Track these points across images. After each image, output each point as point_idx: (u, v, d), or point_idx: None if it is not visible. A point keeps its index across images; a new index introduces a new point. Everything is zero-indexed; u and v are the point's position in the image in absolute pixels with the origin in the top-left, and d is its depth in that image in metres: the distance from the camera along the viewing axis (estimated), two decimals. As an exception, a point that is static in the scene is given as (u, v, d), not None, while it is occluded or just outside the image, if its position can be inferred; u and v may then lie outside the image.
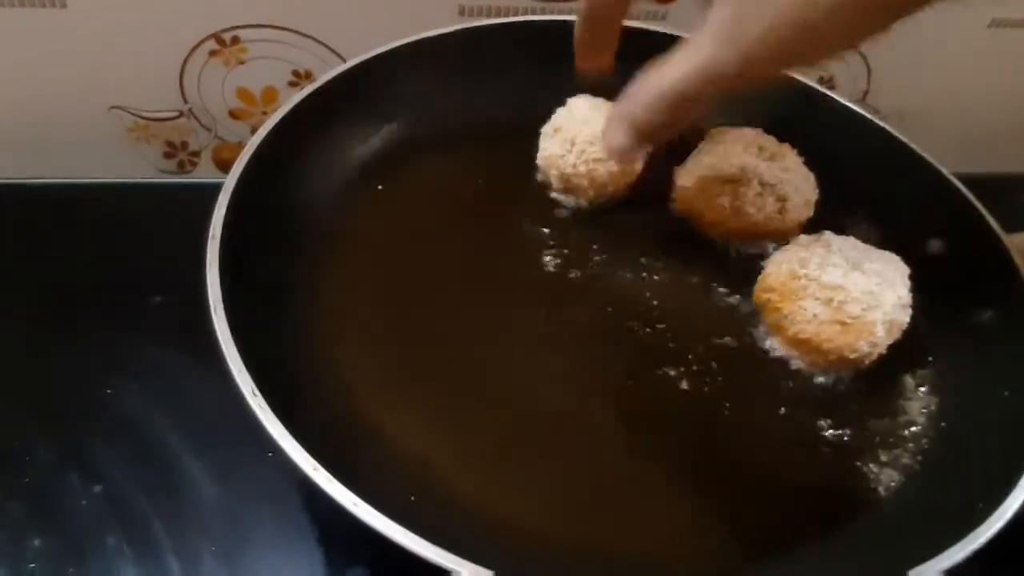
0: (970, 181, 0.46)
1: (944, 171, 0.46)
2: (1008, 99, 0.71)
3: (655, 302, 0.43)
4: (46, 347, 0.47)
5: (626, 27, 0.52)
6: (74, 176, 0.59)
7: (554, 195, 0.47)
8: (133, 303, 0.49)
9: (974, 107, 0.72)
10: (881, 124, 0.49)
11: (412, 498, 0.33)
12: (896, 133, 0.48)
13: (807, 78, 0.52)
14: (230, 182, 0.39)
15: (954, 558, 0.30)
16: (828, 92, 0.50)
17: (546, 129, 0.47)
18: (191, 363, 0.46)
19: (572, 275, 0.44)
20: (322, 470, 0.28)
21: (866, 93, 0.69)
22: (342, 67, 0.48)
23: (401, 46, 0.50)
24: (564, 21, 0.53)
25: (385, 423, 0.36)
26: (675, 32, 0.52)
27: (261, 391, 0.30)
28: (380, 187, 0.47)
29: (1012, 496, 0.31)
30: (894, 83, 0.68)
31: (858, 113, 0.49)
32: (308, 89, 0.45)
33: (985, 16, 0.65)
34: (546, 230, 0.46)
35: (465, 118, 0.50)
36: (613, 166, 0.45)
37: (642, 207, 0.47)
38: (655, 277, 0.44)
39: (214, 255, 0.36)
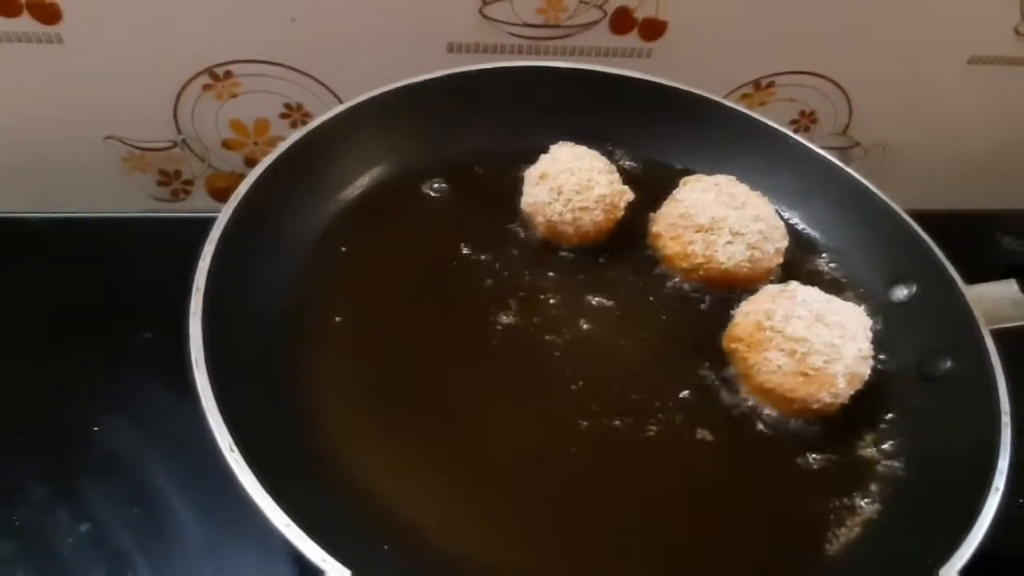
0: (949, 216, 0.47)
1: (911, 221, 0.47)
2: (986, 134, 0.73)
3: (626, 347, 0.44)
4: (34, 383, 0.48)
5: (611, 73, 0.54)
6: (67, 209, 0.60)
7: (534, 240, 0.48)
8: (123, 339, 0.50)
9: (954, 142, 0.73)
10: (850, 172, 0.50)
11: (385, 547, 0.34)
12: (865, 181, 0.49)
13: (782, 114, 0.53)
14: (216, 232, 0.40)
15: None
16: (799, 138, 0.52)
17: (530, 175, 0.48)
18: (179, 400, 0.47)
19: (551, 323, 0.44)
20: (294, 526, 0.30)
21: (847, 126, 0.70)
22: (332, 111, 0.49)
23: (391, 90, 0.51)
24: (549, 67, 0.54)
25: (362, 479, 0.37)
26: (659, 80, 0.54)
27: (238, 446, 0.32)
28: (366, 232, 0.48)
29: (962, 548, 0.32)
30: (874, 117, 0.70)
31: (828, 160, 0.51)
32: (294, 137, 0.46)
33: (964, 53, 0.66)
34: (526, 276, 0.47)
35: (452, 159, 0.52)
36: (598, 215, 0.46)
37: (618, 252, 0.48)
38: (629, 321, 0.45)
39: (197, 307, 0.37)
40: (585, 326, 0.45)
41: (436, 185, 0.51)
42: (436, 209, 0.50)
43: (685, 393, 0.42)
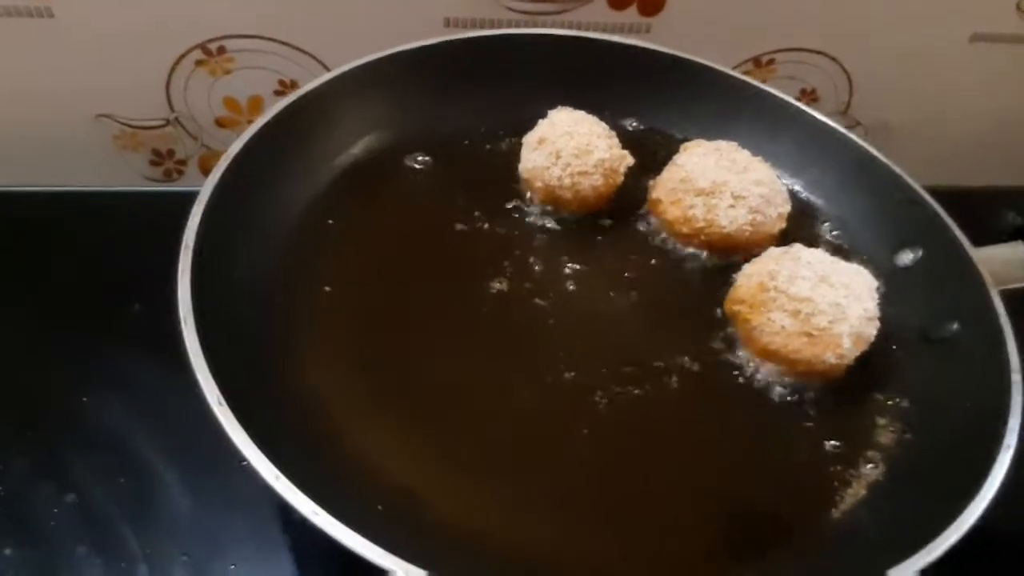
0: (952, 194, 0.46)
1: (914, 184, 0.46)
2: (989, 112, 0.72)
3: (626, 314, 0.43)
4: (22, 355, 0.47)
5: (611, 42, 0.53)
6: (57, 184, 0.59)
7: (532, 207, 0.48)
8: (112, 311, 0.50)
9: (956, 120, 0.72)
10: (853, 137, 0.49)
11: (379, 507, 0.33)
12: (867, 146, 0.48)
13: (782, 91, 0.53)
14: (205, 192, 0.40)
15: (918, 564, 0.30)
16: (802, 106, 0.51)
17: (528, 140, 0.47)
18: (168, 373, 0.45)
19: (548, 291, 0.43)
20: (283, 479, 0.29)
21: (848, 105, 0.70)
22: (323, 77, 0.48)
23: (383, 57, 0.50)
24: (546, 35, 0.54)
25: (353, 440, 0.36)
26: (658, 48, 0.53)
27: (227, 401, 0.31)
28: (361, 196, 0.47)
29: (971, 507, 0.32)
30: (876, 95, 0.69)
31: (830, 126, 0.50)
32: (286, 101, 0.45)
33: (966, 31, 0.66)
34: (523, 244, 0.46)
35: (445, 128, 0.51)
36: (597, 180, 0.45)
37: (618, 218, 0.48)
38: (629, 289, 0.44)
39: (186, 265, 0.36)
40: (583, 293, 0.44)
41: (421, 158, 0.49)
42: (431, 177, 0.49)
43: (687, 359, 0.41)
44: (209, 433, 0.32)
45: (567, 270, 0.45)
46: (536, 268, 0.45)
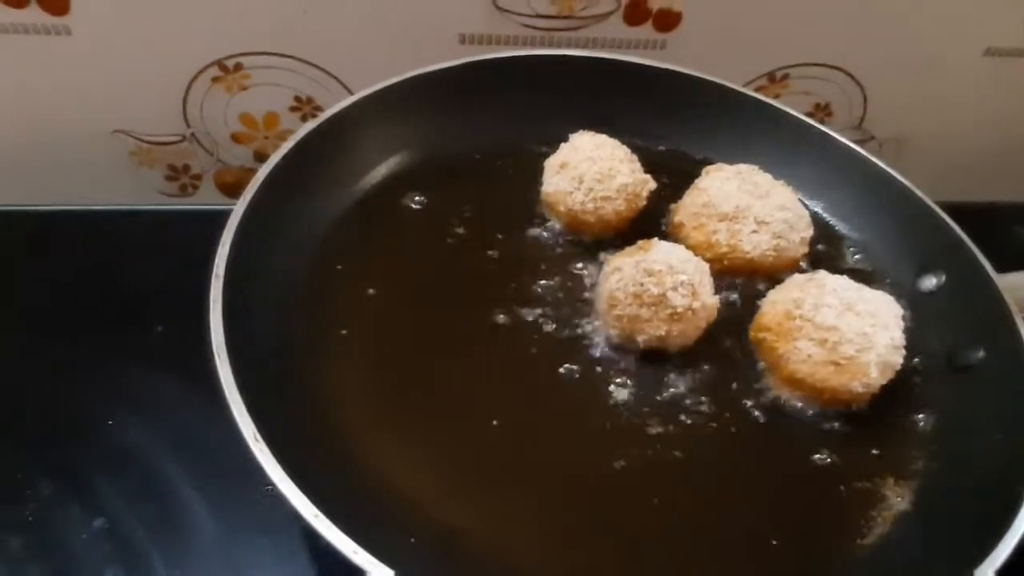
0: (967, 210, 0.46)
1: (938, 209, 0.46)
2: (1004, 127, 0.72)
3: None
4: (46, 377, 0.47)
5: (631, 63, 0.53)
6: (76, 202, 0.59)
7: (552, 230, 0.48)
8: (136, 332, 0.50)
9: (970, 135, 0.72)
10: (876, 161, 0.49)
11: (412, 540, 0.33)
12: (890, 170, 0.48)
13: (796, 106, 0.53)
14: (235, 218, 0.39)
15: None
16: (823, 128, 0.51)
17: (550, 164, 0.47)
18: (193, 394, 0.46)
19: (569, 317, 0.43)
20: (323, 517, 0.29)
21: (862, 120, 0.70)
22: (346, 101, 0.48)
23: (403, 80, 0.50)
24: (566, 55, 0.54)
25: (385, 476, 0.36)
26: (679, 68, 0.53)
27: (263, 437, 0.31)
28: (383, 221, 0.47)
29: (1003, 542, 0.32)
30: (890, 110, 0.69)
31: (853, 150, 0.50)
32: (309, 126, 0.45)
33: (980, 44, 0.66)
34: (544, 268, 0.46)
35: (466, 151, 0.51)
36: (620, 204, 0.45)
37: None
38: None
39: (217, 295, 0.36)
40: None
41: (440, 181, 0.49)
42: (451, 201, 0.49)
43: (712, 382, 0.41)
44: (236, 456, 0.32)
45: (588, 296, 0.45)
46: (560, 294, 0.44)
